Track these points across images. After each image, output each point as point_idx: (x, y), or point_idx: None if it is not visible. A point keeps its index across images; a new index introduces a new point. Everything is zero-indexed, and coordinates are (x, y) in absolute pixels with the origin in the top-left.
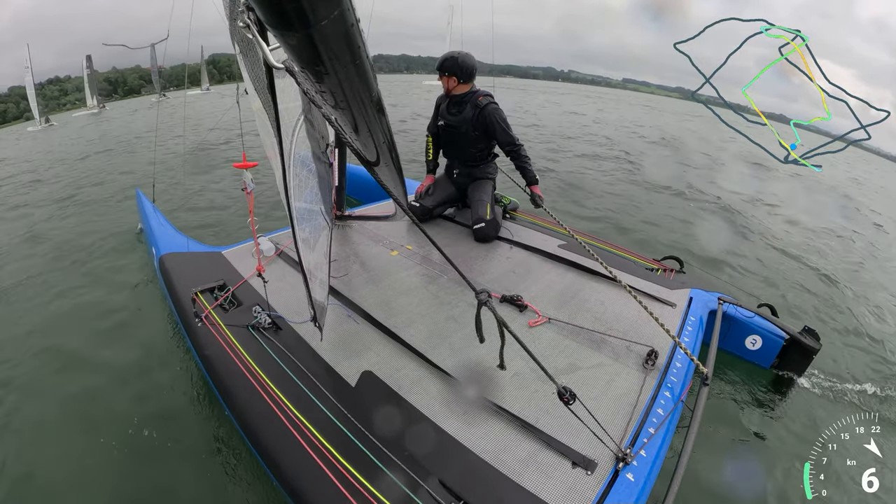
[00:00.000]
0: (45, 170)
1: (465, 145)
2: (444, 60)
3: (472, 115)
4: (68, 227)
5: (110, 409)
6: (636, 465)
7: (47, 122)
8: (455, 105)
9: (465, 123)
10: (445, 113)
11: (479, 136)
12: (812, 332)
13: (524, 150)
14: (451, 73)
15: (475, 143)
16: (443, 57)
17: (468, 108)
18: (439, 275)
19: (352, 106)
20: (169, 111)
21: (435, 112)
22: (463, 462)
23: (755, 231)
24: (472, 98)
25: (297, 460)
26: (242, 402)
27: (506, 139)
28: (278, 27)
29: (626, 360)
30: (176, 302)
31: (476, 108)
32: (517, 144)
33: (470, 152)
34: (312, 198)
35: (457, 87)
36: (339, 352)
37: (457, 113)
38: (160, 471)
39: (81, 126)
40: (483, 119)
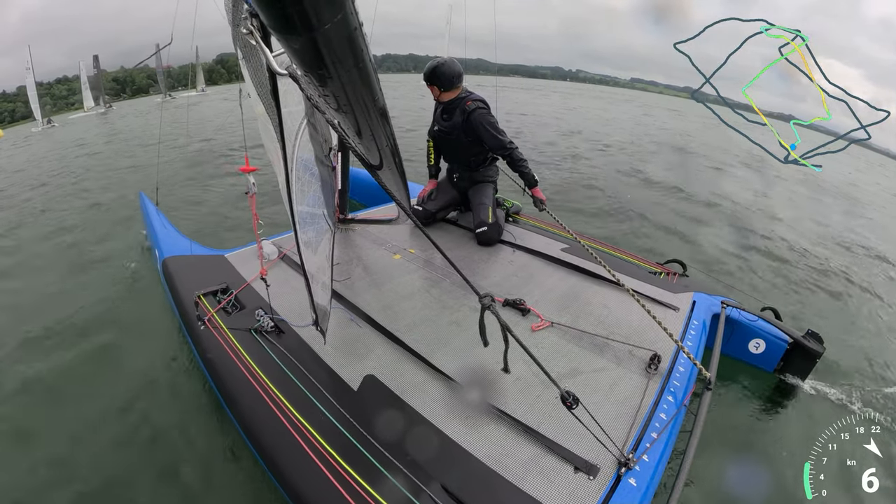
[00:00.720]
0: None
1: (460, 150)
2: (427, 70)
3: (460, 120)
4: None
5: (110, 409)
6: (638, 470)
7: (49, 122)
8: (446, 111)
9: (455, 129)
10: (439, 119)
11: (471, 141)
12: (816, 336)
13: (518, 152)
14: (431, 83)
15: (469, 148)
16: (426, 67)
17: (457, 114)
18: (442, 279)
19: (355, 109)
20: (172, 113)
21: (433, 117)
22: (465, 467)
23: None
24: (460, 104)
25: (299, 464)
26: (245, 406)
27: (495, 143)
28: (282, 31)
29: (629, 364)
30: (179, 305)
31: (464, 113)
32: (509, 147)
33: (466, 157)
34: (315, 201)
35: (441, 94)
36: (342, 355)
37: (448, 119)
38: (160, 473)
39: (84, 129)
40: (470, 125)
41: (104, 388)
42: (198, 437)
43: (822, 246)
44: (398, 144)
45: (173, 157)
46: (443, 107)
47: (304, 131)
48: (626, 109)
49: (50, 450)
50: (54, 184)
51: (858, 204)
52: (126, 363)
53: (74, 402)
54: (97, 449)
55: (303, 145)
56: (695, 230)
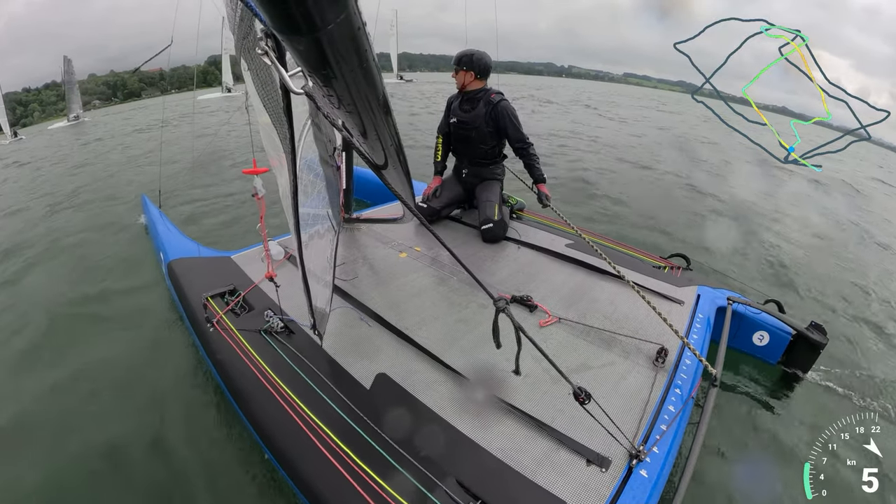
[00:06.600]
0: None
1: (476, 142)
2: (462, 56)
3: (485, 111)
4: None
5: (120, 413)
6: (649, 461)
7: (15, 136)
8: (468, 101)
9: (478, 119)
10: (458, 110)
11: (491, 132)
12: (819, 328)
13: (533, 148)
14: (468, 68)
15: (487, 139)
16: (460, 53)
17: (481, 105)
18: (448, 276)
19: (359, 109)
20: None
21: (446, 112)
22: (479, 461)
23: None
24: (485, 95)
25: (314, 462)
26: (257, 406)
27: (517, 136)
28: (286, 32)
29: (637, 358)
30: (186, 307)
31: (489, 104)
32: (527, 142)
33: (481, 149)
34: (319, 202)
35: (472, 82)
36: (352, 355)
37: (469, 109)
38: (172, 474)
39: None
40: (496, 115)
41: (106, 392)
42: (209, 439)
43: (827, 237)
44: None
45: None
46: (462, 98)
47: (309, 132)
48: (686, 119)
49: (43, 449)
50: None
51: (859, 196)
52: (130, 365)
53: (78, 403)
54: (102, 449)
55: (307, 146)
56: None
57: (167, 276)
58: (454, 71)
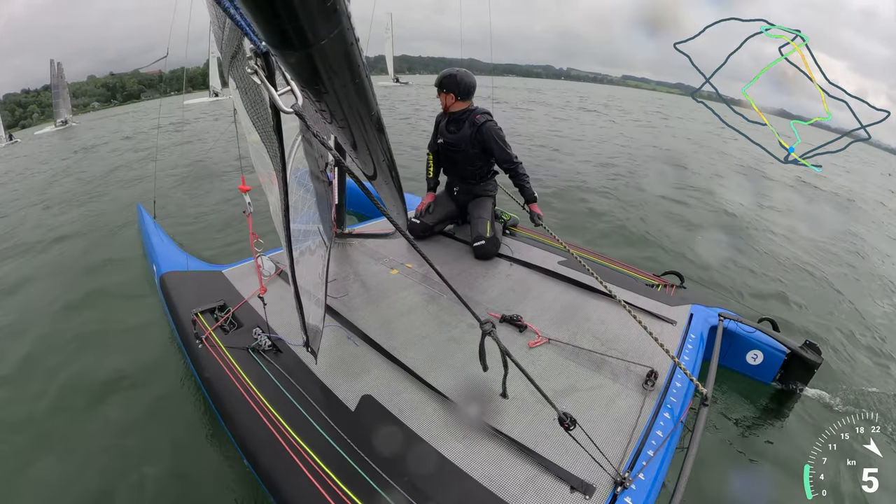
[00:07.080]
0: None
1: (464, 163)
2: (443, 78)
3: (470, 132)
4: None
5: (105, 427)
6: (634, 488)
7: (10, 139)
8: (454, 122)
9: (463, 141)
10: (444, 131)
11: (477, 153)
12: (813, 347)
13: (522, 167)
14: (448, 90)
15: (474, 160)
16: (441, 74)
17: (466, 126)
18: (439, 294)
19: (351, 124)
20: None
21: (435, 130)
22: (462, 487)
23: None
24: (469, 116)
25: (297, 484)
26: (242, 426)
27: (504, 157)
28: (279, 47)
29: (626, 380)
30: (177, 322)
31: (474, 125)
32: (515, 162)
33: (469, 170)
34: (310, 218)
35: (454, 104)
36: (339, 375)
37: (455, 131)
38: (158, 490)
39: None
40: (481, 137)
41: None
42: (194, 455)
43: (823, 249)
44: (395, 159)
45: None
46: (448, 118)
47: (299, 147)
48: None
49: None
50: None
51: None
52: (121, 377)
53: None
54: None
55: (297, 161)
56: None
57: (159, 288)
58: (437, 92)
